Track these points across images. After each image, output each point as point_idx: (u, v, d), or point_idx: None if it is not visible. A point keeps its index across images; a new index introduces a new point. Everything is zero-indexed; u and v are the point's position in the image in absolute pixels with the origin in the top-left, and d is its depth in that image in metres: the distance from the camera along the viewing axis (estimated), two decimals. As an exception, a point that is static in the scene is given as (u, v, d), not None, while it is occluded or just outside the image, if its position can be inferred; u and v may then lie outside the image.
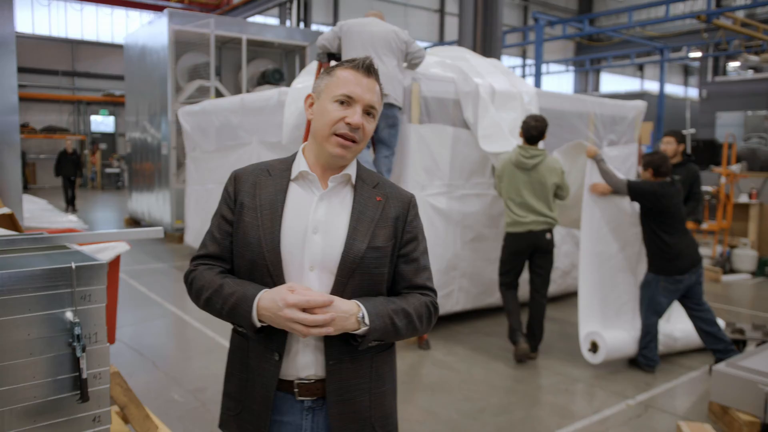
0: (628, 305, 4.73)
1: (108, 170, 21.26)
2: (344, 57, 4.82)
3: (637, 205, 4.59)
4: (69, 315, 1.99)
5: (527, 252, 4.67)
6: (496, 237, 5.57)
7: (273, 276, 1.45)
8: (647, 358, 4.49)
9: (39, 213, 11.41)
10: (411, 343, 4.99)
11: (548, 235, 4.59)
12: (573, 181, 5.00)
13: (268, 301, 1.38)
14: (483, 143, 5.29)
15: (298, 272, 1.46)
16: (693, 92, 30.01)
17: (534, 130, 4.59)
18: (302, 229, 1.47)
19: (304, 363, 1.47)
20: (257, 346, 1.51)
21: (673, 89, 30.25)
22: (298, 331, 1.36)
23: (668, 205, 4.36)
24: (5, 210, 3.67)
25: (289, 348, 1.47)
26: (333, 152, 1.46)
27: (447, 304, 5.43)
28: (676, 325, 4.84)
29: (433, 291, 1.58)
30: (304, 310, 1.35)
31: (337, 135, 1.45)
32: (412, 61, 4.98)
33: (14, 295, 1.89)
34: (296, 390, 1.48)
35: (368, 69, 1.48)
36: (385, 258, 1.49)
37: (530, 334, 4.72)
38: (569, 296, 6.54)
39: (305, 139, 5.25)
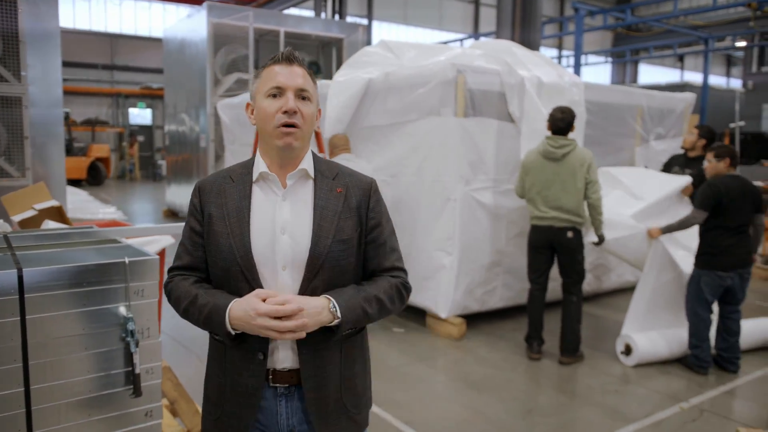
0: (677, 303, 4.58)
1: (159, 162, 21.52)
2: None
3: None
4: (122, 310, 1.97)
5: (547, 247, 4.51)
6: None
7: (249, 280, 1.50)
8: (699, 359, 4.30)
9: (81, 204, 11.69)
10: (455, 339, 4.90)
11: (569, 234, 4.39)
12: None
13: (239, 311, 1.43)
14: (524, 145, 5.13)
15: (272, 273, 1.51)
16: (736, 83, 29.05)
17: (561, 122, 4.41)
18: (270, 230, 1.52)
19: (282, 357, 1.54)
20: (236, 350, 1.55)
21: (715, 80, 29.32)
22: (272, 336, 1.43)
23: (733, 198, 4.17)
24: (54, 203, 3.70)
25: (269, 346, 1.54)
26: (280, 144, 1.50)
27: (490, 301, 5.32)
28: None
29: (403, 270, 1.63)
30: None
31: (278, 127, 1.49)
32: None
33: (70, 289, 1.88)
34: (270, 377, 1.54)
35: (288, 58, 1.53)
36: (352, 249, 1.55)
37: (561, 338, 4.56)
38: (618, 293, 6.38)
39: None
